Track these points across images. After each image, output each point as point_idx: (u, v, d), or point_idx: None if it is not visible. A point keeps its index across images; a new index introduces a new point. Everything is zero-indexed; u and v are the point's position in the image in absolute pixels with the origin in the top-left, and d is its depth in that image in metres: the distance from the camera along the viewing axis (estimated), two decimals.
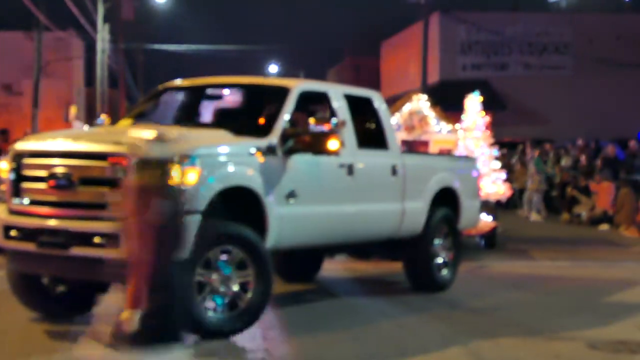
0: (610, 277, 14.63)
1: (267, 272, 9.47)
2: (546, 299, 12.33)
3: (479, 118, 17.85)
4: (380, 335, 9.74)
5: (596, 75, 45.27)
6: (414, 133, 18.43)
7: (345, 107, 11.34)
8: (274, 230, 9.78)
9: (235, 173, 9.40)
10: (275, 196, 9.77)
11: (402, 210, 12.01)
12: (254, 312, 9.41)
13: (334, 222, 10.97)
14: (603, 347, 9.21)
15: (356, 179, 11.11)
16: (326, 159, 10.41)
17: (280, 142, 9.92)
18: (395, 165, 11.96)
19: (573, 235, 22.01)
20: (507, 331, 9.96)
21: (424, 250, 12.52)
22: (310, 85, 11.43)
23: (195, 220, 8.78)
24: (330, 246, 11.92)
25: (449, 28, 46.68)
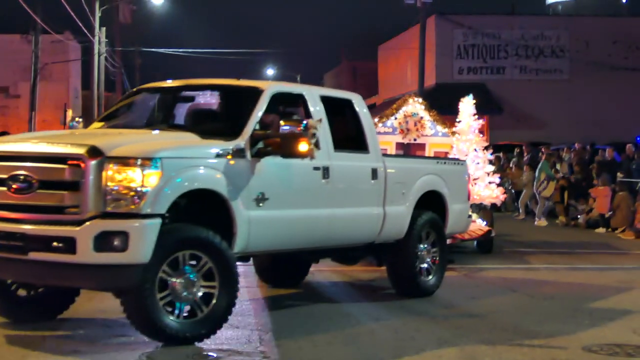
0: (607, 280, 14.64)
1: (231, 277, 9.32)
2: (542, 303, 12.34)
3: (473, 121, 17.73)
4: (376, 339, 9.75)
5: (592, 79, 45.35)
6: (410, 136, 18.32)
7: (322, 109, 11.12)
8: (242, 234, 9.59)
9: (199, 176, 9.19)
10: (243, 199, 9.56)
11: (383, 214, 11.77)
12: (217, 319, 9.23)
13: (308, 226, 10.73)
14: (599, 351, 9.22)
15: (332, 182, 10.88)
16: (299, 161, 10.13)
17: (249, 145, 9.73)
18: (375, 169, 11.72)
19: (570, 238, 22.03)
20: (504, 335, 9.97)
21: (407, 255, 12.30)
22: (284, 87, 11.32)
23: (156, 223, 8.63)
24: (306, 250, 11.59)
25: (446, 31, 46.75)
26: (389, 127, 18.40)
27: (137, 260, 8.53)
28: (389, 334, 10.00)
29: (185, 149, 9.37)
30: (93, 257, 8.45)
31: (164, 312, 8.85)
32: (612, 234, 22.76)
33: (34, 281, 9.54)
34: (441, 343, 9.50)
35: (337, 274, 14.48)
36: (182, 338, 8.93)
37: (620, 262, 17.40)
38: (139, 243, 8.51)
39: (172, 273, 8.95)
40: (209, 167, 9.28)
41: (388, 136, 18.32)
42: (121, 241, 8.44)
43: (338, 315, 11.07)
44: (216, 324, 9.25)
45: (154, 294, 8.76)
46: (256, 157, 9.76)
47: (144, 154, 8.69)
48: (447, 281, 14.07)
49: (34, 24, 39.62)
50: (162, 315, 8.81)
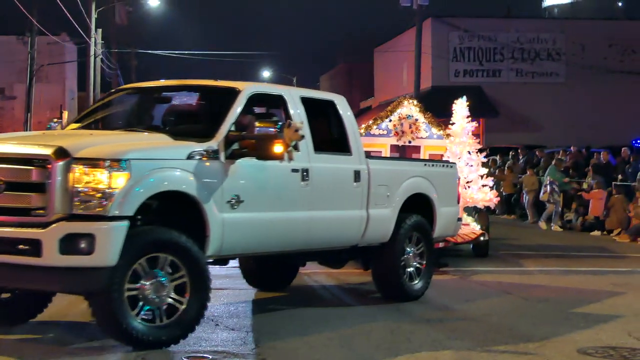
0: (602, 283, 14.66)
1: (203, 281, 9.18)
2: (537, 306, 12.35)
3: (466, 123, 17.62)
4: (372, 341, 9.74)
5: (588, 82, 45.44)
6: (404, 138, 18.20)
7: (302, 110, 10.96)
8: (215, 237, 9.44)
9: (168, 178, 9.05)
10: (216, 202, 9.41)
11: (366, 217, 11.60)
12: (188, 323, 9.10)
13: (286, 229, 10.56)
14: (594, 353, 9.23)
15: (312, 184, 10.72)
16: (276, 163, 9.97)
17: (224, 146, 9.58)
18: (358, 171, 11.55)
19: (565, 242, 22.06)
20: (498, 337, 9.98)
21: (392, 259, 12.12)
22: (263, 87, 11.17)
23: (123, 226, 8.49)
24: (285, 253, 11.34)
25: (442, 34, 46.82)
26: (384, 130, 18.26)
27: (103, 263, 8.41)
28: (384, 336, 10.01)
29: (155, 150, 9.24)
30: (59, 259, 8.32)
31: (132, 316, 8.70)
32: (607, 237, 22.79)
33: (0, 284, 9.35)
34: (436, 345, 9.51)
35: (331, 277, 14.48)
36: (151, 342, 8.79)
37: (615, 265, 17.42)
38: (105, 246, 8.39)
39: (141, 276, 8.80)
40: (179, 168, 9.15)
41: (383, 138, 18.20)
42: (87, 244, 8.32)
43: (333, 317, 11.08)
44: (187, 328, 9.12)
45: (122, 297, 8.62)
46: (231, 159, 9.63)
47: (111, 155, 8.58)
48: (442, 284, 14.11)
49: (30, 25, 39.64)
50: (130, 319, 8.66)
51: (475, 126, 17.84)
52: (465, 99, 17.87)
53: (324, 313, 11.43)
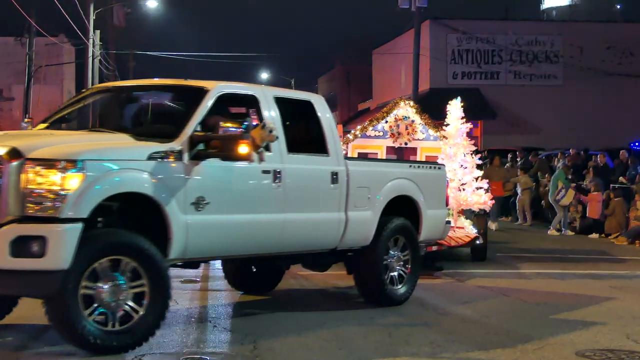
0: (600, 286, 14.66)
1: (162, 285, 8.97)
2: (535, 308, 12.34)
3: (461, 124, 17.51)
4: (370, 342, 9.74)
5: (586, 85, 45.45)
6: (401, 140, 18.08)
7: (275, 110, 10.73)
8: (178, 239, 9.21)
9: (126, 179, 8.83)
10: (179, 203, 9.19)
11: (345, 220, 11.37)
12: (147, 328, 8.89)
13: (257, 231, 10.31)
14: (592, 356, 9.23)
15: (285, 186, 10.48)
16: (245, 164, 9.75)
17: (188, 147, 9.36)
18: (335, 172, 11.29)
19: (563, 245, 22.06)
20: (497, 339, 9.97)
21: (374, 263, 11.88)
22: (233, 87, 10.70)
23: (76, 228, 8.29)
24: (257, 256, 11.13)
25: (440, 36, 46.83)
26: (380, 131, 18.13)
27: (56, 266, 8.19)
28: (382, 338, 9.99)
29: (112, 150, 9.00)
30: (10, 262, 8.15)
31: (87, 320, 8.49)
32: (606, 240, 22.79)
33: None
34: (434, 347, 9.51)
35: (328, 278, 14.46)
36: (106, 347, 8.59)
37: (613, 267, 17.42)
38: (58, 248, 8.19)
39: (98, 280, 8.60)
40: (138, 169, 8.93)
41: (379, 140, 18.09)
42: (39, 246, 8.13)
43: (331, 319, 11.06)
44: (145, 333, 8.90)
45: (77, 301, 8.42)
46: (196, 160, 9.41)
47: (65, 156, 8.39)
48: (439, 287, 14.13)
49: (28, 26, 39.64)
50: (85, 323, 8.46)
51: (470, 127, 17.68)
52: (460, 100, 17.70)
53: (322, 315, 11.41)
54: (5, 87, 50.28)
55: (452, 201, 16.78)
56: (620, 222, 22.95)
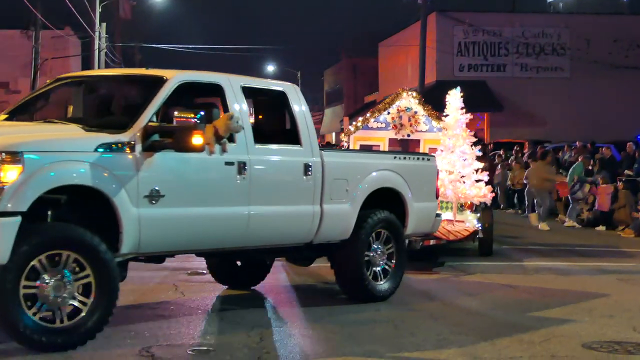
0: (607, 278, 14.64)
1: (109, 280, 8.74)
2: (542, 300, 12.33)
3: (460, 115, 17.09)
4: (376, 335, 9.73)
5: (593, 77, 45.37)
6: (403, 131, 17.84)
7: (242, 100, 10.40)
8: (130, 234, 8.94)
9: (70, 171, 8.54)
10: (130, 196, 8.90)
11: (320, 213, 11.00)
12: (88, 328, 8.64)
13: (219, 225, 9.98)
14: (599, 348, 9.22)
15: (251, 178, 10.12)
16: (205, 156, 9.44)
17: (141, 138, 9.04)
18: (308, 164, 10.91)
19: (570, 236, 22.04)
20: (503, 332, 9.96)
21: (354, 257, 11.50)
22: (195, 76, 10.35)
23: (13, 222, 8.06)
24: (222, 251, 10.78)
25: (447, 28, 46.77)
26: (382, 123, 17.89)
27: None
28: (388, 331, 9.99)
29: (57, 142, 8.72)
30: None
31: (28, 316, 8.25)
32: (612, 232, 22.75)
33: None
34: (440, 339, 9.50)
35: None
36: (44, 344, 8.34)
37: (620, 260, 17.39)
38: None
39: (40, 274, 8.36)
40: (84, 161, 8.63)
41: (381, 132, 17.83)
42: None
43: (337, 312, 11.06)
44: (86, 333, 8.65)
45: (17, 298, 8.19)
46: (149, 151, 9.09)
47: (3, 147, 8.17)
48: (446, 279, 14.11)
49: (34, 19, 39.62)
50: (25, 319, 8.22)
51: (470, 118, 17.43)
52: (460, 90, 17.44)
53: (328, 308, 11.40)
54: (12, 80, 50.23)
55: (450, 194, 16.69)
56: (628, 214, 22.90)
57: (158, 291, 12.37)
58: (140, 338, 9.23)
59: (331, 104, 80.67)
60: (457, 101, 17.23)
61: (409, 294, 12.53)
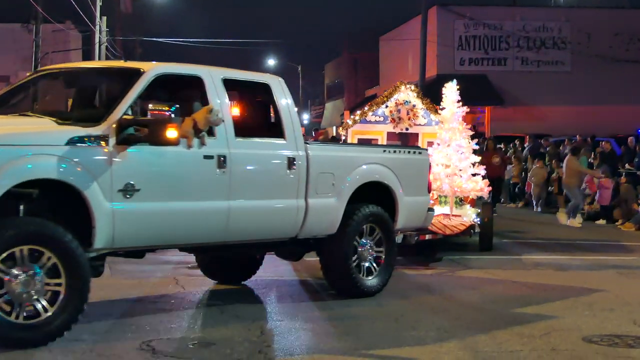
0: (607, 272, 14.64)
1: (80, 276, 8.58)
2: (542, 294, 12.33)
3: (457, 108, 16.98)
4: (377, 329, 9.74)
5: (594, 71, 45.39)
6: (402, 125, 17.70)
7: (223, 93, 10.22)
8: (104, 229, 8.80)
9: (39, 165, 8.40)
10: (104, 190, 8.75)
11: (304, 207, 10.84)
12: (63, 321, 8.51)
13: (198, 219, 9.80)
14: (599, 341, 9.22)
15: (231, 172, 9.96)
16: (183, 149, 9.33)
17: (115, 131, 8.87)
18: (292, 158, 10.74)
19: (570, 230, 22.05)
20: (503, 325, 9.97)
21: (341, 252, 11.33)
22: (174, 68, 10.25)
23: None
24: (202, 246, 10.60)
25: (447, 22, 46.77)
26: (380, 116, 17.74)
27: None
28: (389, 324, 10.00)
29: (26, 135, 8.60)
30: None
31: None
32: (613, 226, 22.74)
33: None
34: (441, 333, 9.51)
35: None
36: (16, 340, 8.24)
37: (620, 254, 17.39)
38: None
39: (8, 270, 8.24)
40: (55, 155, 8.49)
41: (379, 125, 17.68)
42: None
43: (338, 306, 11.07)
44: (61, 326, 8.51)
45: None
46: (123, 145, 8.93)
47: None
48: (446, 273, 14.12)
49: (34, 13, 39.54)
50: None
51: (466, 111, 17.30)
52: (456, 82, 17.34)
53: (328, 301, 11.41)
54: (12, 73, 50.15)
55: (447, 188, 16.60)
56: (630, 208, 22.88)
57: (159, 285, 12.38)
58: (141, 332, 9.25)
59: (332, 98, 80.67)
60: (454, 94, 17.10)
61: (409, 288, 12.55)
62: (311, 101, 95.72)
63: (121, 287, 12.11)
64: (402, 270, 14.11)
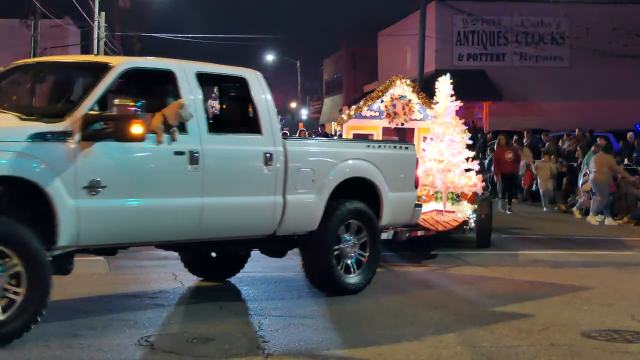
0: (605, 267, 14.64)
1: (41, 275, 8.40)
2: (541, 289, 12.34)
3: (450, 102, 16.75)
4: (376, 324, 9.74)
5: (592, 66, 45.35)
6: (397, 120, 17.53)
7: (196, 87, 10.02)
8: (68, 226, 8.62)
9: (0, 162, 8.21)
10: (68, 187, 8.57)
11: (282, 204, 10.67)
12: (24, 321, 8.34)
13: (169, 216, 9.61)
14: (598, 336, 9.23)
15: (204, 168, 9.76)
16: (152, 145, 9.17)
17: (81, 127, 8.69)
18: (269, 153, 10.53)
19: (568, 226, 22.05)
20: (502, 320, 9.98)
21: (322, 249, 11.16)
22: (145, 62, 10.15)
23: None
24: (175, 243, 10.42)
25: (446, 18, 46.72)
26: (375, 111, 17.56)
27: None
28: (388, 320, 10.00)
29: None
30: None
31: None
32: (611, 221, 22.72)
33: None
34: (440, 328, 9.52)
35: None
36: None
37: (619, 248, 17.40)
38: None
39: None
40: (15, 151, 8.30)
41: (374, 120, 17.48)
42: None
43: (337, 301, 11.06)
44: (20, 327, 8.33)
45: None
46: (90, 140, 8.75)
47: None
48: (445, 269, 14.12)
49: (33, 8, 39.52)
50: None
51: (460, 106, 17.04)
52: (449, 76, 17.12)
53: (327, 297, 11.38)
54: None
55: (439, 184, 16.46)
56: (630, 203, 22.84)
57: (157, 280, 12.38)
58: (139, 327, 9.25)
59: (330, 94, 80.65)
60: (447, 88, 16.89)
61: (408, 283, 12.56)
62: (310, 97, 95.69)
63: (119, 283, 12.11)
64: (399, 267, 14.13)
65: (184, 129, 9.60)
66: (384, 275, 13.26)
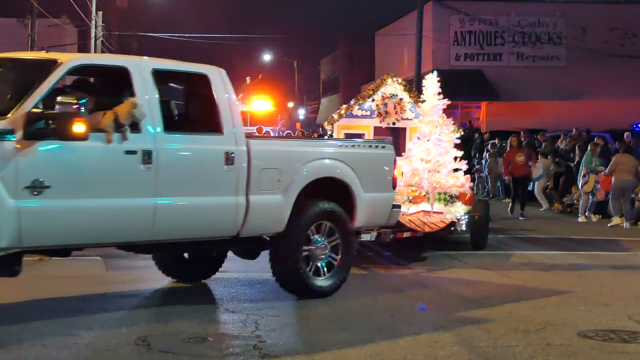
0: (602, 267, 14.65)
1: None
2: (537, 290, 12.34)
3: (437, 101, 16.47)
4: (372, 323, 9.75)
5: (589, 66, 45.42)
6: (388, 119, 17.32)
7: (152, 85, 9.78)
8: (9, 227, 8.42)
9: None
10: (8, 187, 8.38)
11: (245, 205, 10.39)
12: None
13: (119, 217, 9.35)
14: (594, 336, 9.24)
15: (159, 168, 9.51)
16: (100, 144, 8.99)
17: (22, 125, 8.46)
18: (230, 152, 10.27)
19: (565, 225, 22.05)
20: (498, 320, 9.98)
21: (290, 250, 10.87)
22: (96, 59, 9.87)
23: None
24: (126, 244, 10.12)
25: (443, 18, 46.77)
26: (366, 110, 17.33)
27: None
28: (384, 319, 10.01)
29: None
30: None
31: None
32: (608, 221, 22.71)
33: None
34: (436, 328, 9.52)
35: None
36: None
37: (615, 248, 17.41)
38: None
39: None
40: None
41: (366, 120, 17.22)
42: None
43: (334, 300, 11.06)
44: None
45: None
46: (32, 139, 8.53)
47: None
48: (441, 269, 14.11)
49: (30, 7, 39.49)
50: None
51: (447, 104, 16.70)
52: (436, 74, 16.95)
53: (326, 297, 11.38)
54: None
55: (426, 184, 16.24)
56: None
57: (154, 280, 12.36)
58: (136, 327, 9.24)
59: (328, 93, 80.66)
60: (434, 86, 16.62)
61: (404, 283, 12.56)
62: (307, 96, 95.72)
63: (116, 283, 12.10)
64: (395, 267, 14.12)
65: (138, 128, 9.41)
66: (380, 275, 13.27)
